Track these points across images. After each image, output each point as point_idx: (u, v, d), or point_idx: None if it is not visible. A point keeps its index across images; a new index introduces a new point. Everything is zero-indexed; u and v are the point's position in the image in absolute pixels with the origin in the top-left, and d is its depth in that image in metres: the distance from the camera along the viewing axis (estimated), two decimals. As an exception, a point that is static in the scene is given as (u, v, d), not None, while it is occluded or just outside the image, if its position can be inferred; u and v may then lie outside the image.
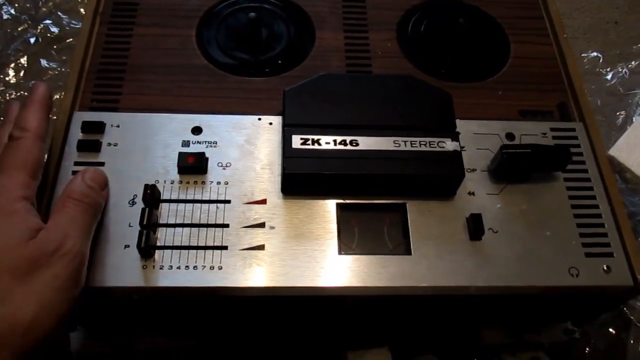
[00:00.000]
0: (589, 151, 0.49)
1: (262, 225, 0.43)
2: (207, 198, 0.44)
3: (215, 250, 0.42)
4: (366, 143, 0.44)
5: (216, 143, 0.46)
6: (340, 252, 0.42)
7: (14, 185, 0.38)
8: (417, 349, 0.54)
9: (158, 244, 0.41)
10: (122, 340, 0.52)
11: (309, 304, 0.44)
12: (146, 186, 0.42)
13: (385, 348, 0.51)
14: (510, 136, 0.49)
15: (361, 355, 0.51)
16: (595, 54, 0.80)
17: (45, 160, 0.44)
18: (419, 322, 0.52)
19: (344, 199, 0.44)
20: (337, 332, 0.51)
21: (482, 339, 0.54)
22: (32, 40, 0.76)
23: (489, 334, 0.54)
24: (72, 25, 0.78)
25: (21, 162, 0.40)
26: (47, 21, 0.78)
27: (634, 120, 0.73)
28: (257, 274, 0.41)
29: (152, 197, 0.42)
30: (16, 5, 0.79)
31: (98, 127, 0.46)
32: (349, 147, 0.43)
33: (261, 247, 0.42)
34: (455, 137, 0.45)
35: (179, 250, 0.41)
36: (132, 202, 0.43)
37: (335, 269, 0.42)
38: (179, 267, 0.41)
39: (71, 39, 0.76)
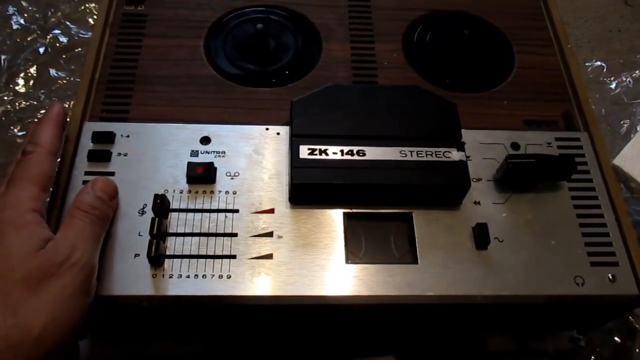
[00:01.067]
0: (594, 161, 0.49)
1: (270, 234, 0.43)
2: (216, 207, 0.44)
3: (224, 259, 0.42)
4: (373, 153, 0.44)
5: (224, 153, 0.47)
6: (347, 261, 0.43)
7: (25, 197, 0.39)
8: (422, 357, 0.54)
9: (167, 253, 0.42)
10: (131, 348, 0.53)
11: (317, 313, 0.45)
12: (156, 196, 0.43)
13: (391, 356, 0.51)
14: (515, 146, 0.49)
15: (367, 364, 0.51)
16: (599, 62, 0.81)
17: (56, 172, 0.44)
18: (424, 331, 0.52)
19: (351, 209, 0.45)
20: (344, 341, 0.51)
21: (487, 347, 0.54)
22: (42, 49, 0.77)
23: (494, 342, 0.55)
24: (80, 35, 0.79)
25: (32, 175, 0.41)
26: (56, 31, 0.79)
27: (638, 129, 0.73)
28: (265, 282, 0.41)
29: (161, 206, 0.42)
30: (25, 15, 0.80)
31: (108, 137, 0.47)
32: (355, 157, 0.44)
33: (269, 256, 0.42)
34: (461, 146, 0.45)
35: (188, 259, 0.42)
36: (142, 212, 0.44)
37: (343, 278, 0.42)
38: (188, 276, 0.41)
39: (80, 49, 0.77)
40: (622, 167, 0.68)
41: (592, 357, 0.57)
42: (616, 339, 0.58)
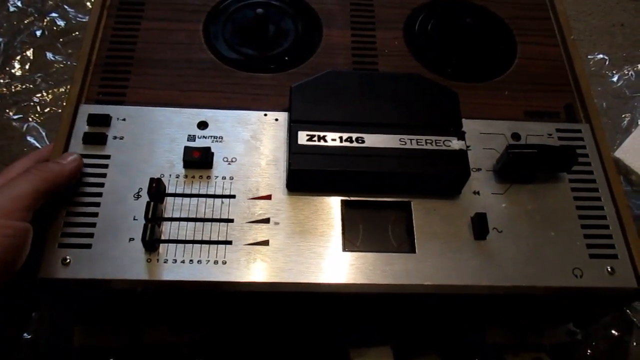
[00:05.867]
0: (595, 153, 0.49)
1: (266, 220, 0.43)
2: (212, 193, 0.44)
3: (219, 245, 0.42)
4: (372, 140, 0.44)
5: (222, 138, 0.46)
6: (344, 249, 0.42)
7: None
8: (419, 347, 0.54)
9: (162, 237, 0.41)
10: (125, 336, 0.52)
11: (313, 300, 0.44)
12: (151, 180, 0.42)
13: (387, 346, 0.51)
14: (516, 136, 0.49)
15: (363, 354, 0.51)
16: (601, 56, 0.80)
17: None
18: (421, 321, 0.52)
19: (349, 196, 0.44)
20: (340, 330, 0.51)
21: (485, 339, 0.54)
22: (38, 33, 0.76)
23: (491, 334, 0.54)
24: (78, 18, 0.78)
25: None
26: (54, 14, 0.78)
27: (639, 122, 0.73)
28: (261, 269, 0.41)
29: (157, 190, 0.42)
30: (23, -3, 0.79)
31: (104, 120, 0.46)
32: (354, 144, 0.43)
33: (265, 243, 0.42)
34: (461, 136, 0.44)
35: (183, 244, 0.41)
36: (137, 196, 0.43)
37: (339, 265, 0.42)
38: (183, 261, 0.41)
39: (77, 32, 0.76)
40: (623, 160, 0.67)
41: (589, 351, 0.57)
42: (613, 332, 0.58)
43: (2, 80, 0.72)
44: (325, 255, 0.42)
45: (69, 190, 0.43)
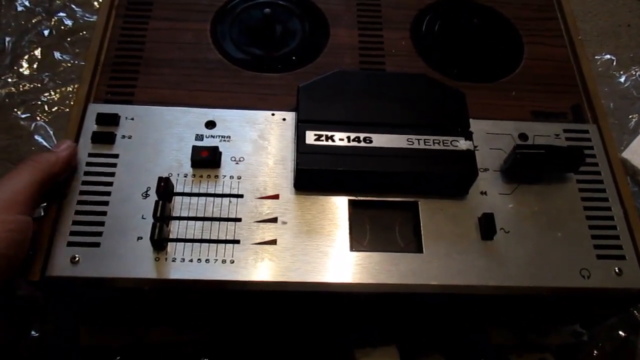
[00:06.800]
0: (602, 153, 0.49)
1: (274, 220, 0.43)
2: (220, 192, 0.44)
3: (227, 244, 0.42)
4: (379, 140, 0.44)
5: (229, 137, 0.46)
6: (351, 249, 0.42)
7: None
8: (424, 348, 0.54)
9: (171, 236, 0.42)
10: (130, 335, 0.53)
11: (319, 300, 0.44)
12: (160, 179, 0.42)
13: (393, 347, 0.51)
14: (523, 137, 0.49)
15: (369, 354, 0.51)
16: (608, 56, 0.80)
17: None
18: (427, 321, 0.52)
19: (356, 196, 0.44)
20: (346, 330, 0.51)
21: (490, 339, 0.54)
22: (46, 32, 0.77)
23: (496, 335, 0.54)
24: (85, 18, 0.78)
25: None
26: (61, 14, 0.78)
27: (646, 123, 0.73)
28: (268, 268, 0.41)
29: (165, 189, 0.42)
30: (30, -3, 0.79)
31: (113, 120, 0.46)
32: (362, 144, 0.43)
33: (273, 242, 0.42)
34: (468, 136, 0.45)
35: (191, 243, 0.42)
36: (146, 195, 0.43)
37: (346, 265, 0.42)
38: (191, 260, 0.41)
39: (85, 32, 0.77)
40: (630, 161, 0.67)
41: (595, 352, 0.57)
42: (620, 333, 0.58)
43: (10, 80, 0.72)
44: (332, 255, 0.42)
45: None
